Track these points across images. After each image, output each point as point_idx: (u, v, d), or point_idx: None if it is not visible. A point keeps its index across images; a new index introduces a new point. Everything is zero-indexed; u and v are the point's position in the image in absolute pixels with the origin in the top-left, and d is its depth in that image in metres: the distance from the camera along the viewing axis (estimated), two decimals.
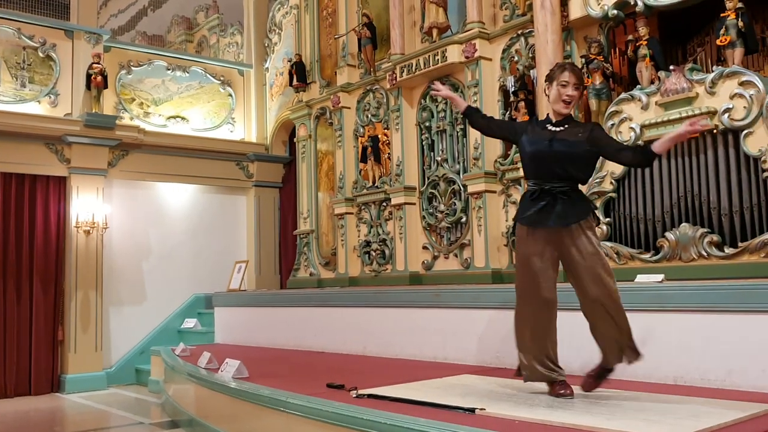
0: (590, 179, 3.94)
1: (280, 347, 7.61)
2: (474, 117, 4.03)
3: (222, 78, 10.79)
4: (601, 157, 3.98)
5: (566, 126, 3.67)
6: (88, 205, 8.90)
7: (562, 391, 3.62)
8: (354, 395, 3.95)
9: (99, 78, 9.04)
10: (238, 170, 10.62)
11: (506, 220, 6.73)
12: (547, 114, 3.79)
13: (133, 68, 9.83)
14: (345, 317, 6.88)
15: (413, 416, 3.23)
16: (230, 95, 10.84)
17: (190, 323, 9.60)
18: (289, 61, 9.96)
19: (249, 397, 4.54)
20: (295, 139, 9.92)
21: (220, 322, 9.01)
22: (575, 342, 4.00)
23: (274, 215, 10.84)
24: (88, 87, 9.06)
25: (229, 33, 11.89)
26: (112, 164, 9.32)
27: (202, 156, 10.18)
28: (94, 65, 9.08)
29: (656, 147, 3.55)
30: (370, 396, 3.90)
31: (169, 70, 10.19)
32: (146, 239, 9.65)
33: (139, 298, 9.48)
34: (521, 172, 6.18)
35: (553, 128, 3.68)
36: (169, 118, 10.10)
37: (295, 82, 9.55)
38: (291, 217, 10.44)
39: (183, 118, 10.25)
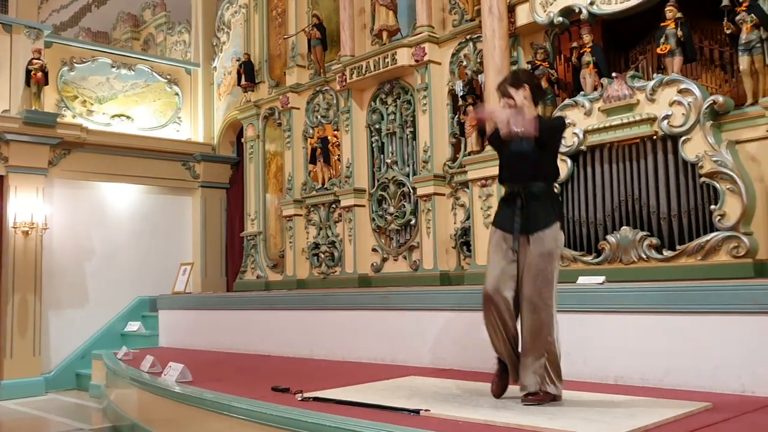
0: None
1: (226, 351, 7.51)
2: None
3: (169, 76, 10.61)
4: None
5: None
6: (27, 205, 8.62)
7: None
8: (299, 398, 3.93)
9: (39, 74, 8.78)
10: (185, 170, 10.44)
11: (455, 223, 6.79)
12: None
13: (76, 65, 9.58)
14: (292, 320, 6.83)
15: (358, 418, 3.22)
16: (177, 94, 10.67)
17: (133, 326, 9.39)
18: (238, 60, 9.85)
19: (192, 401, 4.47)
20: (242, 140, 9.81)
21: (164, 326, 8.84)
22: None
23: (220, 217, 10.70)
24: (28, 83, 8.79)
25: (176, 31, 11.69)
26: (53, 163, 9.06)
27: (148, 156, 9.98)
28: (34, 61, 8.81)
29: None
30: (315, 399, 3.88)
31: (114, 67, 9.97)
32: (89, 240, 9.41)
33: (81, 301, 9.23)
34: (469, 175, 6.28)
35: (518, 129, 3.67)
36: (113, 116, 9.88)
37: (243, 81, 9.45)
38: (238, 219, 10.30)
39: (128, 117, 10.03)
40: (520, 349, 3.61)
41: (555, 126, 3.77)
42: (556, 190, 5.28)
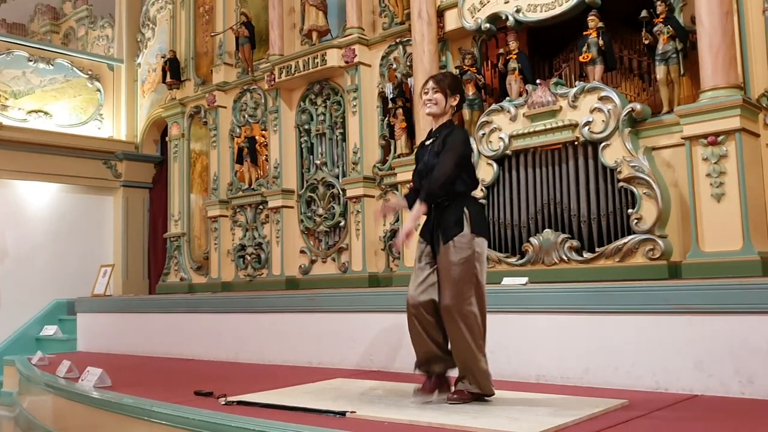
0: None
1: (148, 355, 7.31)
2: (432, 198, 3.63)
3: (90, 72, 10.28)
4: (474, 163, 4.01)
5: (440, 134, 3.60)
6: None
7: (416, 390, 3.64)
8: (223, 402, 3.85)
9: None
10: (106, 169, 10.13)
11: (384, 225, 6.82)
12: (431, 128, 3.73)
13: None
14: (217, 323, 6.70)
15: (283, 422, 3.18)
16: (99, 90, 10.34)
17: (49, 330, 9.01)
18: (163, 57, 9.63)
19: (111, 407, 4.32)
20: (167, 138, 9.59)
21: (83, 329, 8.52)
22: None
23: (143, 217, 10.42)
24: None
25: (99, 25, 11.33)
26: None
27: (67, 153, 9.64)
28: None
29: (415, 207, 3.50)
30: (239, 403, 3.81)
31: (31, 61, 9.58)
32: (2, 241, 9.00)
33: None
34: (399, 178, 6.31)
35: (428, 142, 3.67)
36: (30, 112, 9.49)
37: (168, 79, 9.24)
38: (161, 220, 10.05)
39: (46, 113, 9.66)
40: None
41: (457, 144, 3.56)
42: (479, 195, 5.38)
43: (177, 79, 9.27)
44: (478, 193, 5.59)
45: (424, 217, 3.61)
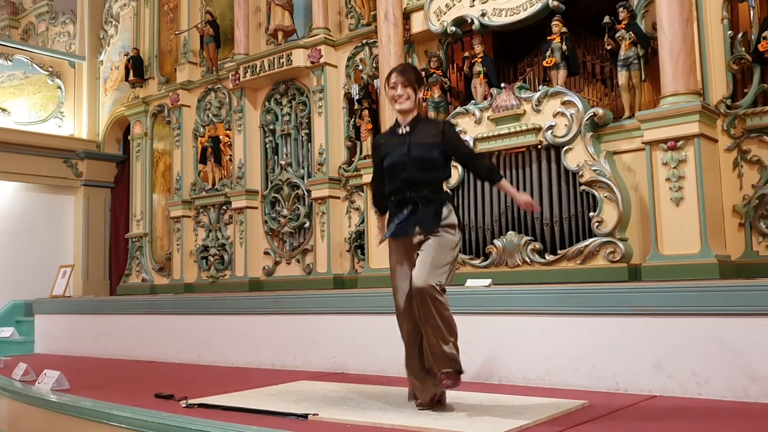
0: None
1: (109, 357, 7.18)
2: (381, 207, 3.69)
3: (51, 69, 10.08)
4: None
5: (417, 127, 3.49)
6: None
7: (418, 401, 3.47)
8: (183, 405, 3.80)
9: None
10: (66, 168, 9.94)
11: (349, 226, 6.81)
12: (396, 120, 3.60)
13: None
14: (179, 325, 6.61)
15: (245, 424, 3.15)
16: (59, 87, 10.15)
17: (5, 332, 8.78)
18: (126, 55, 9.50)
19: (69, 410, 4.23)
20: (129, 137, 9.45)
21: (41, 331, 8.34)
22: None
23: (104, 217, 10.25)
24: None
25: (60, 22, 11.11)
26: None
27: (26, 152, 9.43)
28: None
29: (502, 182, 3.48)
30: (200, 405, 3.76)
31: None
32: None
33: None
34: (365, 179, 6.30)
35: (405, 130, 3.49)
36: None
37: (131, 77, 9.12)
38: (123, 220, 9.90)
39: (4, 110, 9.45)
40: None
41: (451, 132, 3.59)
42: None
43: (140, 78, 9.15)
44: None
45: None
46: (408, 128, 3.50)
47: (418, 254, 3.37)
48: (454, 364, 3.30)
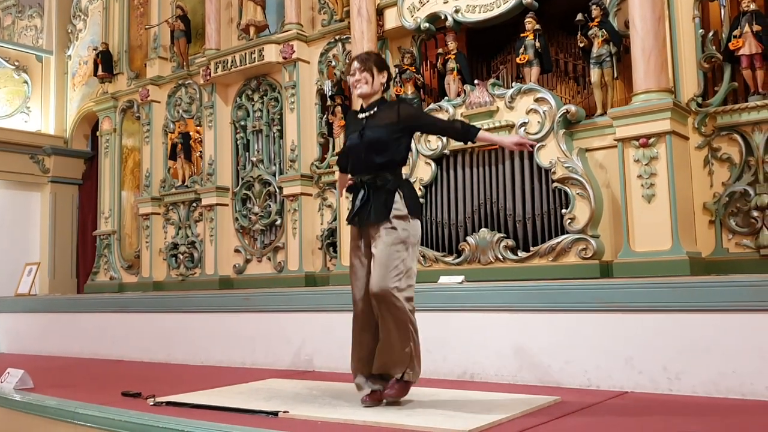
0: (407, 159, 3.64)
1: (75, 356, 7.06)
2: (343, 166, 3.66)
3: (17, 63, 9.88)
4: (411, 156, 3.86)
5: (375, 110, 3.48)
6: None
7: (365, 399, 3.44)
8: (151, 403, 3.73)
9: None
10: (33, 164, 9.73)
11: (321, 224, 6.75)
12: (361, 104, 3.61)
13: None
14: (148, 323, 6.51)
15: (213, 422, 3.09)
16: (26, 82, 9.95)
17: None
18: (95, 49, 9.32)
19: (33, 409, 4.14)
20: (98, 133, 9.28)
21: (4, 330, 8.17)
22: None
23: (72, 214, 10.04)
24: None
25: (27, 15, 10.86)
26: None
27: None
28: None
29: (481, 134, 3.43)
30: (168, 403, 3.70)
31: None
32: None
33: None
34: (337, 176, 6.22)
35: (363, 115, 3.51)
36: None
37: (100, 72, 8.95)
38: (91, 217, 9.72)
39: None
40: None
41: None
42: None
43: (109, 73, 8.98)
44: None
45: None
46: (367, 113, 3.51)
47: (372, 251, 3.36)
48: (407, 371, 3.35)
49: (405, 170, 4.38)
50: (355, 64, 3.55)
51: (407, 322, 3.31)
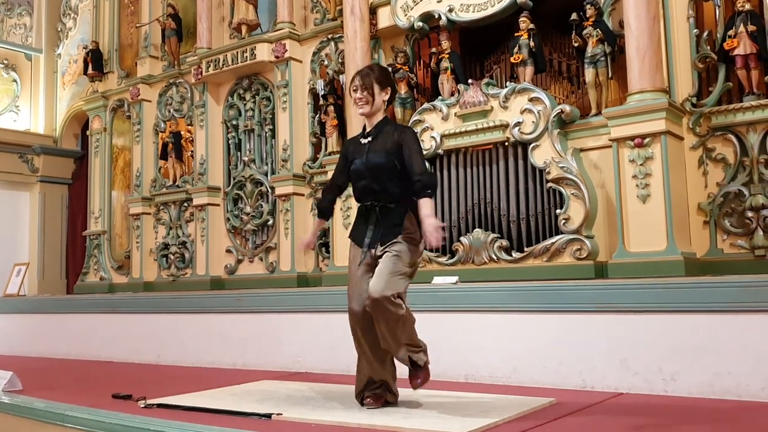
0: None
1: (65, 358, 6.99)
2: (325, 209, 3.62)
3: (6, 61, 9.82)
4: None
5: (378, 134, 3.40)
6: None
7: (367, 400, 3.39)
8: (142, 405, 3.68)
9: None
10: (22, 164, 9.67)
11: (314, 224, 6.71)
12: (364, 124, 3.51)
13: None
14: (138, 324, 6.45)
15: (205, 425, 3.05)
16: (15, 81, 9.88)
17: None
18: (85, 48, 9.25)
19: (21, 412, 4.08)
20: (88, 132, 9.21)
21: None
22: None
23: (61, 214, 9.99)
24: None
25: (16, 13, 10.77)
26: None
27: None
28: None
29: (423, 199, 3.24)
30: (159, 406, 3.65)
31: None
32: None
33: None
34: (330, 176, 6.17)
35: (365, 140, 3.43)
36: None
37: (90, 71, 8.88)
38: (81, 217, 9.65)
39: None
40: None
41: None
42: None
43: (99, 71, 8.92)
44: None
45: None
46: (370, 136, 3.43)
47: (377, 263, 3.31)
48: (416, 355, 3.33)
49: None
50: (357, 81, 3.43)
51: (399, 319, 3.25)
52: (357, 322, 3.38)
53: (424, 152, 5.46)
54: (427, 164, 5.44)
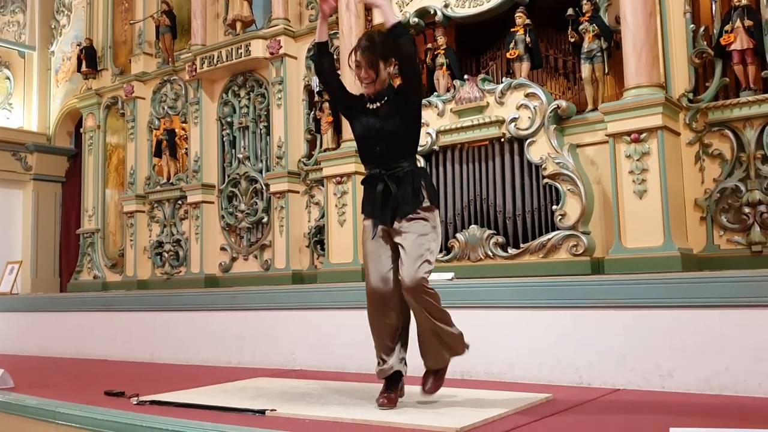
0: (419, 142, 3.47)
1: (58, 356, 6.94)
2: (322, 57, 3.42)
3: None
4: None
5: (385, 99, 3.24)
6: None
7: (380, 401, 3.25)
8: (134, 402, 3.64)
9: None
10: (15, 161, 9.62)
11: (308, 221, 6.68)
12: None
13: None
14: (132, 322, 6.41)
15: (199, 421, 3.01)
16: (8, 78, 9.83)
17: None
18: (79, 45, 9.20)
19: (12, 409, 4.04)
20: (81, 130, 9.16)
21: None
22: None
23: (54, 212, 9.94)
24: None
25: (9, 10, 10.72)
26: None
27: None
28: None
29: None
30: (152, 402, 3.61)
31: None
32: None
33: None
34: (325, 173, 6.17)
35: (372, 105, 3.26)
36: None
37: (84, 68, 8.84)
38: (74, 215, 9.62)
39: None
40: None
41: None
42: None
43: (93, 69, 8.88)
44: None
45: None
46: (377, 103, 3.26)
47: (398, 242, 3.19)
48: (454, 350, 3.35)
49: None
50: (360, 57, 3.23)
51: (440, 310, 3.24)
52: (377, 301, 3.26)
53: (419, 148, 5.42)
54: (422, 161, 5.47)
